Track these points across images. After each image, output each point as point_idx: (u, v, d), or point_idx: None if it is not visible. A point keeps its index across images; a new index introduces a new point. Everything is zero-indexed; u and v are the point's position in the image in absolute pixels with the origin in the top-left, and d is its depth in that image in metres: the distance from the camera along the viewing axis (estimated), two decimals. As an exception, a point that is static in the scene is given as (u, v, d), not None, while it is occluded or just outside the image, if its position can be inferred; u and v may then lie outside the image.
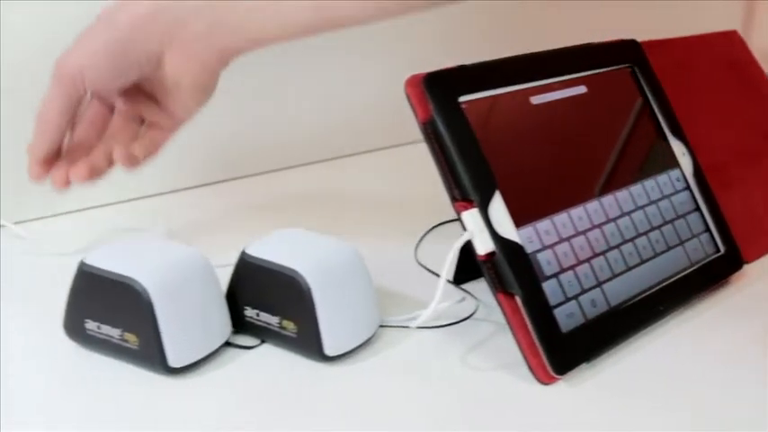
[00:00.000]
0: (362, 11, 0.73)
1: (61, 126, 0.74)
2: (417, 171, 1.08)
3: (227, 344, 0.71)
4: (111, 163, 0.78)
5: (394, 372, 0.70)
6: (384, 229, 0.91)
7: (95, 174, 0.76)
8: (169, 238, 0.86)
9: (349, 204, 1.00)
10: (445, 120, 0.70)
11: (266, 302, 0.71)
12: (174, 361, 0.67)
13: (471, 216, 0.69)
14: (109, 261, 0.68)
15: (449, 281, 0.82)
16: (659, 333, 0.75)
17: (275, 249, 0.71)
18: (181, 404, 0.66)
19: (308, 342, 0.69)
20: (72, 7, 0.82)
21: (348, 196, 1.02)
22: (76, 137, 0.77)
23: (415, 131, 0.76)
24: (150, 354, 0.67)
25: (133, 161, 0.78)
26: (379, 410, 0.66)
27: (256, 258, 0.71)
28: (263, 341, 0.72)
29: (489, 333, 0.75)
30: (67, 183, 0.76)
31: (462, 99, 0.71)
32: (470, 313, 0.77)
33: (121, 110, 0.79)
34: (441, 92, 0.70)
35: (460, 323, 0.76)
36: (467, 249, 0.79)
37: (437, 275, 0.82)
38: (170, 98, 0.77)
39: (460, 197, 0.70)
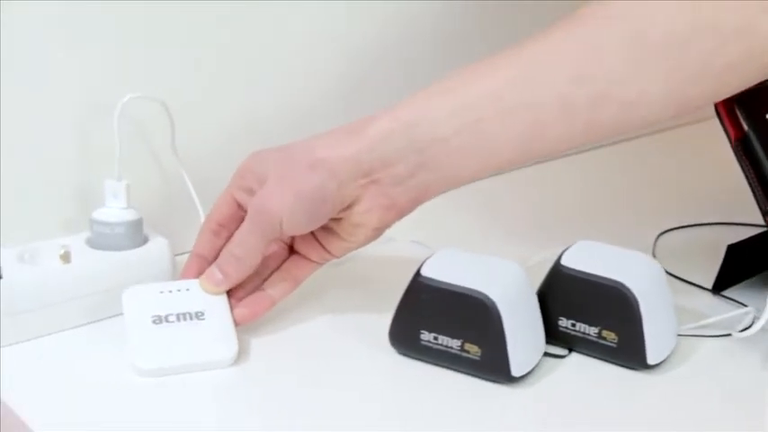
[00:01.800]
0: (568, 140, 0.71)
1: (254, 264, 0.73)
2: (636, 172, 1.10)
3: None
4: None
5: (703, 379, 0.73)
6: (615, 232, 0.91)
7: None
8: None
9: (575, 204, 1.01)
10: (759, 136, 0.72)
11: (584, 313, 0.73)
12: (516, 370, 0.69)
13: (788, 230, 0.72)
14: (447, 274, 0.70)
15: (708, 289, 0.85)
16: None
17: (591, 261, 0.73)
18: (522, 410, 0.69)
19: (629, 351, 0.72)
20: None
21: (571, 196, 1.04)
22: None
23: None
24: (494, 363, 0.69)
25: (267, 303, 0.75)
26: (700, 417, 0.69)
27: (575, 270, 0.73)
28: (570, 350, 0.75)
29: (773, 340, 0.78)
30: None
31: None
32: (751, 322, 0.79)
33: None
34: (751, 109, 0.73)
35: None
36: (728, 259, 0.83)
37: (689, 283, 0.86)
38: (336, 237, 0.74)
39: (774, 212, 0.73)
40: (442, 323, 0.70)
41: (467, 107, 0.69)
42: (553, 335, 0.74)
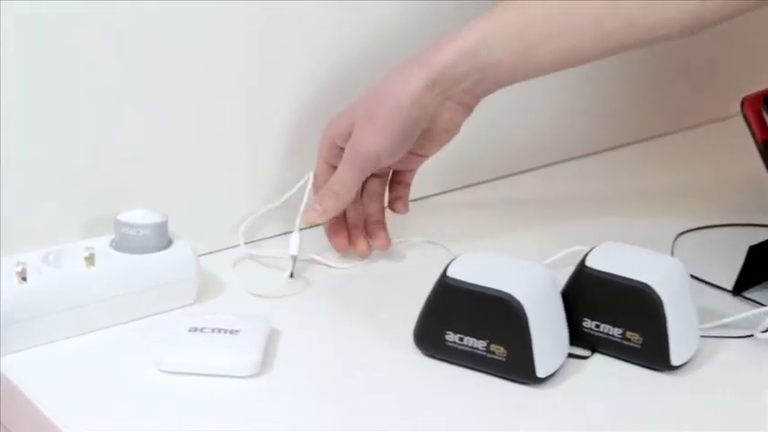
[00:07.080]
0: (600, 57, 0.80)
1: (350, 198, 0.85)
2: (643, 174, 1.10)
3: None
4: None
5: (725, 380, 0.74)
6: (635, 232, 0.90)
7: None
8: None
9: (594, 205, 1.01)
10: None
11: (609, 314, 0.73)
12: (541, 371, 0.70)
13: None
14: (473, 275, 0.71)
15: (728, 290, 0.85)
16: None
17: (615, 262, 0.73)
18: (547, 411, 0.70)
19: (654, 352, 0.72)
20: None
21: (590, 196, 1.04)
22: None
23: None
24: (519, 364, 0.70)
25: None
26: (723, 417, 0.69)
27: (599, 271, 0.73)
28: (593, 351, 0.75)
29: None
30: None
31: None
32: (770, 322, 0.79)
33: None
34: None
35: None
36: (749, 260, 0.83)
37: (709, 284, 0.86)
38: (428, 142, 0.85)
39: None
40: (467, 324, 0.71)
41: (517, 37, 0.79)
42: (577, 336, 0.74)
